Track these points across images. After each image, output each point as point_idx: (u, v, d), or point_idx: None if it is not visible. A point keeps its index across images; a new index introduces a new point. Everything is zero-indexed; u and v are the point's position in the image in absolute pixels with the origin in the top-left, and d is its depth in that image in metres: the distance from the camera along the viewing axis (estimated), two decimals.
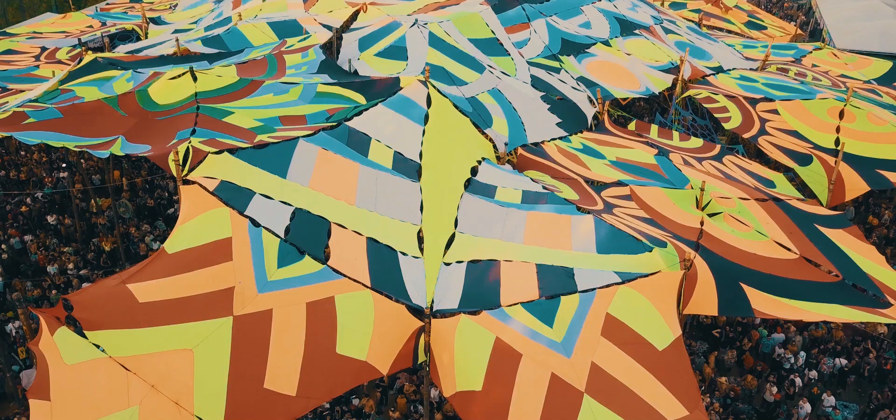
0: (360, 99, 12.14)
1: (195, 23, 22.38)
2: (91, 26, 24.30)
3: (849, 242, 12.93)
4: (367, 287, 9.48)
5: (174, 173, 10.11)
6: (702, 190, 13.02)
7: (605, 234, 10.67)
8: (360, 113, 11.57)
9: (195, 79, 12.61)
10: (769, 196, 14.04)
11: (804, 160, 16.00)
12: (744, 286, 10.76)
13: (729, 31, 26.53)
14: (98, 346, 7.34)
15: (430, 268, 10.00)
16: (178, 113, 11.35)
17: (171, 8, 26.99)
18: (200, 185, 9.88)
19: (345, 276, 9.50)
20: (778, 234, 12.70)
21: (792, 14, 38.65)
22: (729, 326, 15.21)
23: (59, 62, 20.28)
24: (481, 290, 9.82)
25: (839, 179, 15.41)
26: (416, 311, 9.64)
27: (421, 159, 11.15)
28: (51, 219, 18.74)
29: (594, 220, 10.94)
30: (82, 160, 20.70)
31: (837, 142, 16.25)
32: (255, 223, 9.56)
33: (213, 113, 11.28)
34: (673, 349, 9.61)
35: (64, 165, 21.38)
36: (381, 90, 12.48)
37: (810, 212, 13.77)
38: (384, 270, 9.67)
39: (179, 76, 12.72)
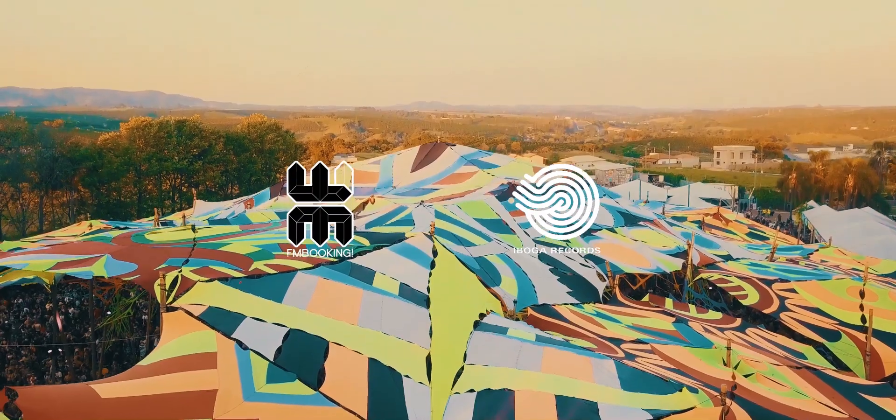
0: (364, 241, 11.78)
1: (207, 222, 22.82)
2: (102, 229, 24.77)
3: None
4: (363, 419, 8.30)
5: (159, 299, 9.44)
6: (728, 349, 12.06)
7: (629, 375, 9.63)
8: (363, 253, 11.15)
9: (195, 230, 12.41)
10: (802, 365, 12.99)
11: (832, 336, 15.08)
12: None
13: (731, 240, 26.76)
14: None
15: (438, 399, 8.85)
16: (173, 246, 10.93)
17: (183, 217, 27.76)
18: (185, 311, 9.15)
19: (338, 405, 8.37)
20: (820, 398, 11.50)
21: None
22: None
23: None
24: None
25: (874, 354, 14.37)
26: None
27: (429, 293, 10.48)
28: None
29: (615, 362, 9.97)
30: (72, 357, 19.77)
31: (863, 319, 15.45)
32: (242, 346, 8.67)
33: (210, 246, 10.86)
34: None
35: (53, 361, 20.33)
36: (385, 238, 12.17)
37: (851, 382, 12.63)
38: (385, 397, 8.55)
39: (179, 230, 12.54)
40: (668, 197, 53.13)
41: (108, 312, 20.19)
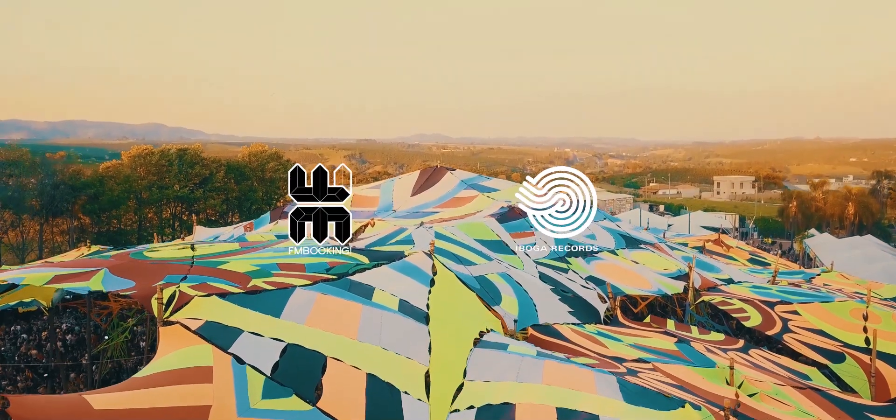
0: (363, 259, 11.71)
1: None
2: (100, 250, 24.69)
3: None
4: None
5: (155, 314, 9.35)
6: (731, 369, 11.90)
7: (631, 389, 9.49)
8: (362, 270, 11.06)
9: (193, 248, 12.36)
10: (807, 386, 12.81)
11: (837, 358, 14.90)
12: None
13: (732, 265, 26.59)
14: None
15: (437, 416, 8.70)
16: (171, 263, 10.86)
17: (183, 239, 27.78)
18: (182, 325, 9.06)
19: None
20: (825, 417, 11.31)
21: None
22: None
23: None
24: None
25: (880, 375, 14.18)
26: None
27: (428, 310, 10.38)
28: None
29: (617, 377, 9.84)
30: (68, 383, 19.52)
31: (867, 341, 15.28)
32: (239, 360, 8.56)
33: (208, 264, 10.79)
34: None
35: None
36: (385, 256, 12.10)
37: (857, 402, 12.44)
38: (383, 414, 8.43)
39: (178, 248, 12.49)
40: (669, 225, 53.08)
41: (106, 337, 20.03)
